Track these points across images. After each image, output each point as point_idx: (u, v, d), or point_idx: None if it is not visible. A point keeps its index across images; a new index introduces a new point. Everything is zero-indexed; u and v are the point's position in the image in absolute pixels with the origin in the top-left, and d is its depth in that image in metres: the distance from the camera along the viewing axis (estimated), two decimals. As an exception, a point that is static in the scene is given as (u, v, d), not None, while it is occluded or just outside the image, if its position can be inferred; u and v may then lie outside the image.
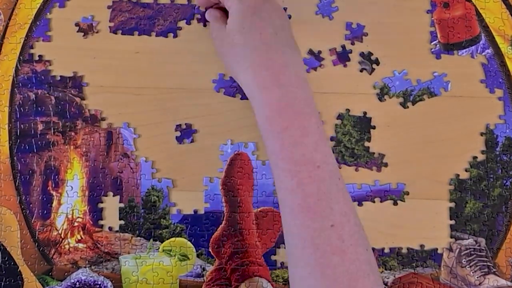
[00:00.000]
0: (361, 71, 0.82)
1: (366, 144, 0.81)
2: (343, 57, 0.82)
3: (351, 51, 0.82)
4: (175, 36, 0.83)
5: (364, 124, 0.81)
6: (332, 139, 0.81)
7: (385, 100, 0.81)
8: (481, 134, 0.80)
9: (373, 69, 0.82)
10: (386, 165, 0.80)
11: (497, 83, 0.81)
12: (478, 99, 0.81)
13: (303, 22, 0.83)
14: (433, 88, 0.81)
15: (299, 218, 0.63)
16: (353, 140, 0.81)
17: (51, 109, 0.82)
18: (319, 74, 0.82)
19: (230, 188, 0.80)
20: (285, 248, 0.77)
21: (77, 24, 0.82)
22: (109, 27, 0.83)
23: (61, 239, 0.81)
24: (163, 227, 0.80)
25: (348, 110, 0.81)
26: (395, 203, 0.80)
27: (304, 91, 0.68)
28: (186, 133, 0.81)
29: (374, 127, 0.80)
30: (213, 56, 0.81)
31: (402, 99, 0.81)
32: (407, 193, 0.80)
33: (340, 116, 0.81)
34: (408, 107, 0.81)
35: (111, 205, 0.81)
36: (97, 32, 0.83)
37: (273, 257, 0.79)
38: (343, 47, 0.82)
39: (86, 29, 0.82)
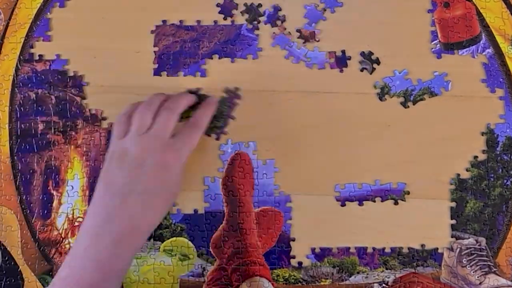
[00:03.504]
0: (361, 70, 0.82)
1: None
2: (341, 62, 0.82)
3: (350, 58, 0.82)
4: (220, 57, 0.82)
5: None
6: (332, 138, 0.81)
7: (385, 99, 0.81)
8: (482, 133, 0.80)
9: (373, 69, 0.82)
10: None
11: (498, 83, 0.81)
12: (478, 98, 0.81)
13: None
14: (434, 88, 0.81)
15: None
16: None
17: (51, 108, 0.82)
18: (319, 73, 0.82)
19: (231, 188, 0.80)
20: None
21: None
22: (154, 51, 0.82)
23: (61, 239, 0.81)
24: (164, 226, 0.80)
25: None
26: (396, 203, 0.80)
27: None
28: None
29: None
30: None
31: (403, 98, 0.81)
32: (408, 193, 0.80)
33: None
34: (408, 106, 0.81)
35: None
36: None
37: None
38: (343, 52, 0.82)
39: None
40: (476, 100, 0.81)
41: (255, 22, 0.82)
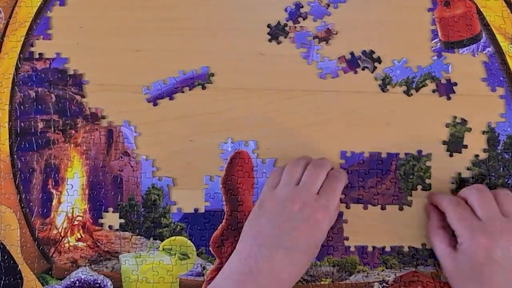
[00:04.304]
0: (363, 69, 0.82)
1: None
2: (353, 63, 0.82)
3: (360, 57, 0.82)
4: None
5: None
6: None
7: (387, 90, 0.81)
8: (483, 132, 0.80)
9: (375, 67, 0.81)
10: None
11: (498, 82, 0.81)
12: (479, 97, 0.81)
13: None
14: (434, 72, 0.81)
15: None
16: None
17: (51, 107, 0.82)
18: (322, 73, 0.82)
19: (231, 187, 0.80)
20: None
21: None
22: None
23: (61, 238, 0.80)
24: (163, 225, 0.80)
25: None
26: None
27: None
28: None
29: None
30: (214, 54, 0.82)
31: (405, 87, 0.81)
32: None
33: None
34: (412, 94, 0.81)
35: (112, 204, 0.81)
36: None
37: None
38: (352, 53, 0.82)
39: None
40: (476, 99, 0.81)
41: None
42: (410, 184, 0.79)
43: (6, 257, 0.79)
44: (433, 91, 0.81)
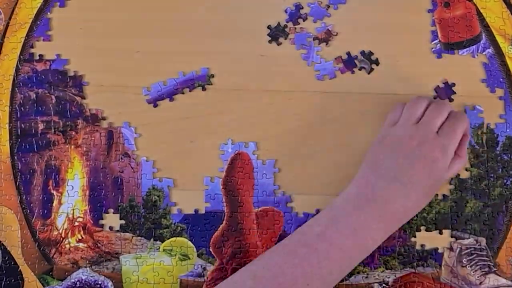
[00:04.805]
0: (360, 69, 0.82)
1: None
2: (350, 64, 0.82)
3: (356, 57, 0.82)
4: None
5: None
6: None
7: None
8: (482, 132, 0.80)
9: (371, 69, 0.82)
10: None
11: (498, 83, 0.81)
12: (478, 98, 0.81)
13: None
14: None
15: None
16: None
17: (51, 108, 0.82)
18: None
19: (231, 188, 0.80)
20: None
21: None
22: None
23: (61, 239, 0.81)
24: (164, 226, 0.80)
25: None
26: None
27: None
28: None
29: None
30: (214, 56, 0.82)
31: None
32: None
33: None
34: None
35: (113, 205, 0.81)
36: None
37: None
38: (348, 53, 0.82)
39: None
40: (476, 99, 0.81)
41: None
42: (414, 225, 0.79)
43: (7, 258, 0.80)
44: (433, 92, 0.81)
